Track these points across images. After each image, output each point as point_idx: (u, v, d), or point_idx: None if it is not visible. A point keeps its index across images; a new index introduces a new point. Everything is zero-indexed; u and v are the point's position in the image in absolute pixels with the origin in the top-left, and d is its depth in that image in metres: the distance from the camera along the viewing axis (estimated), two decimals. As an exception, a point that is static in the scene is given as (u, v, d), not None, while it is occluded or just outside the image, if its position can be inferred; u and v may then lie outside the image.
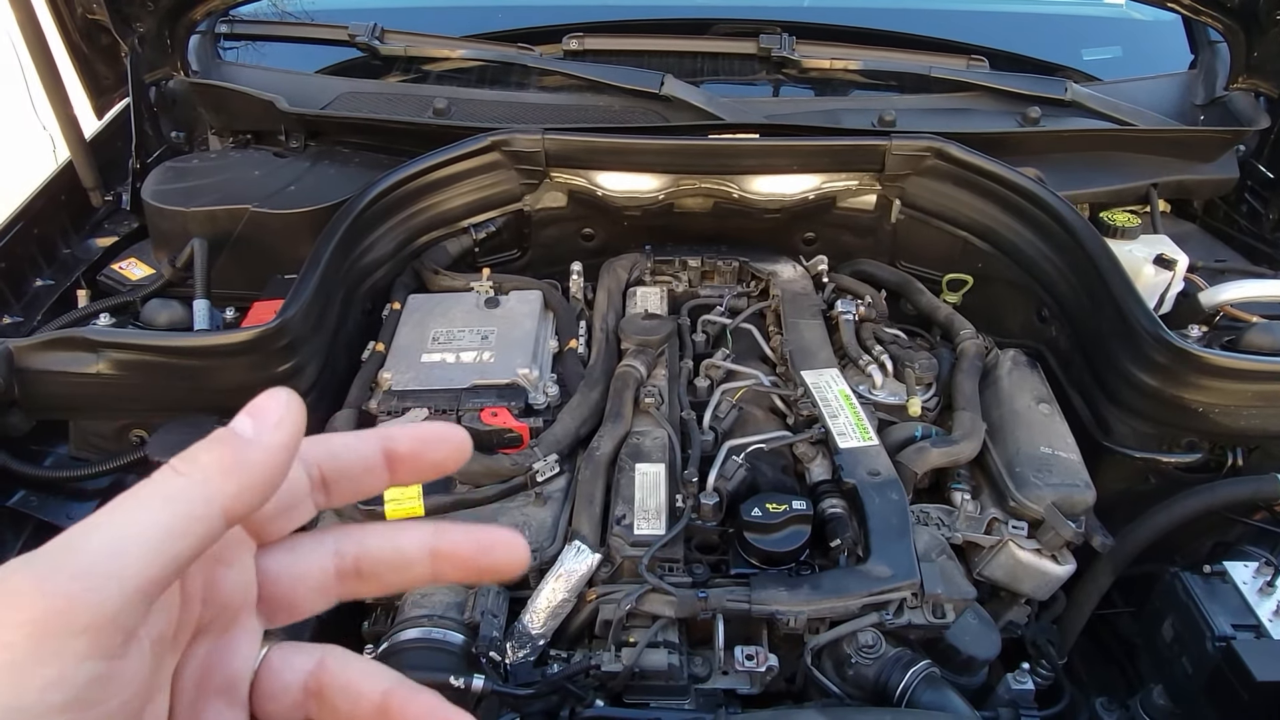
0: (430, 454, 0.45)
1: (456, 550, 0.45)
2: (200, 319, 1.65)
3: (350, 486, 0.45)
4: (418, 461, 0.45)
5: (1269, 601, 1.37)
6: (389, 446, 0.45)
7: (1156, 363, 1.50)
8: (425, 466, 0.45)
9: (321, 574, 0.45)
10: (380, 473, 0.45)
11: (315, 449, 0.44)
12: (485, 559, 0.45)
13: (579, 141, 1.84)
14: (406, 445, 0.45)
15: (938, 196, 1.90)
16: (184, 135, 2.20)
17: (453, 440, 0.45)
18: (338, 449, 0.44)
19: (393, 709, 0.42)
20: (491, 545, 0.45)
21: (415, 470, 0.45)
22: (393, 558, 0.45)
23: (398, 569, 0.45)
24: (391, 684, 0.43)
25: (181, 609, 0.40)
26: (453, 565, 0.45)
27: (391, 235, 1.86)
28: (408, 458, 0.45)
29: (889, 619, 1.27)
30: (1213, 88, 2.19)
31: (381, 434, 0.45)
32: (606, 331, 1.75)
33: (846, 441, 1.46)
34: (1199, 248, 2.01)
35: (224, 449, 0.38)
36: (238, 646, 0.43)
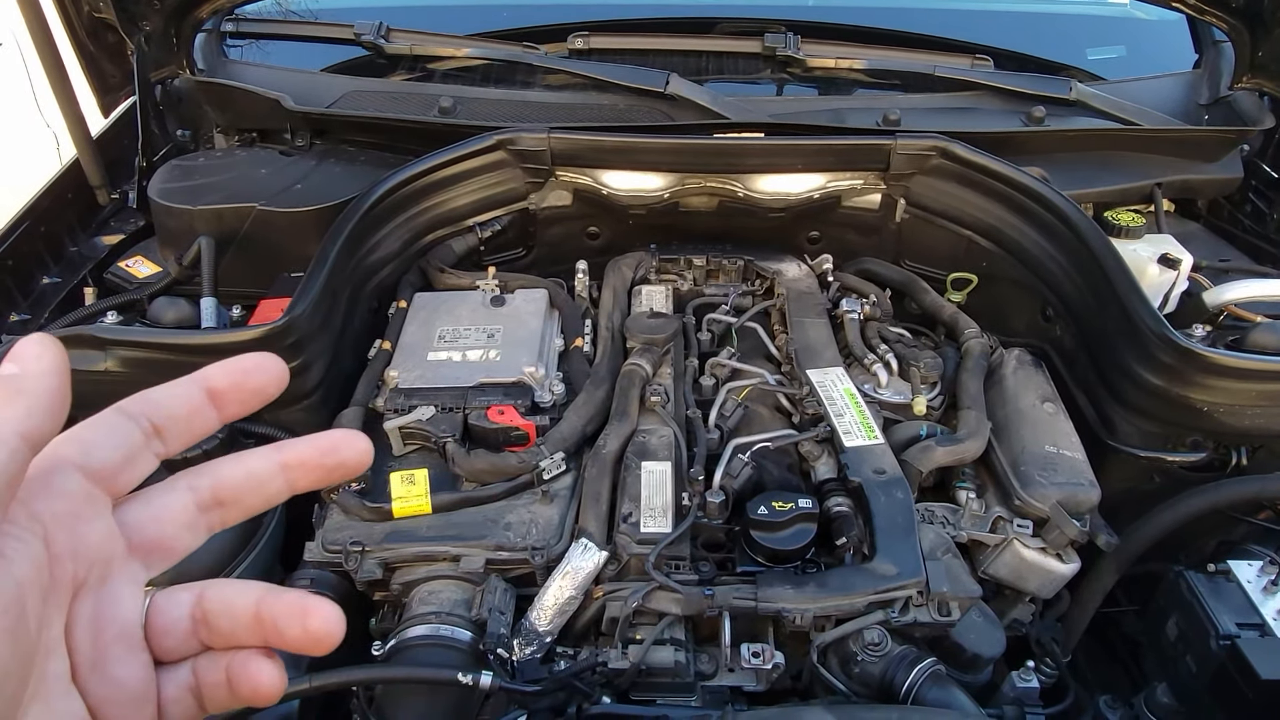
0: (250, 382, 0.47)
1: (302, 458, 0.48)
2: (207, 317, 1.65)
3: (182, 428, 0.46)
4: (240, 392, 0.47)
5: (1273, 600, 1.37)
6: (209, 384, 0.47)
7: (1161, 362, 1.50)
8: (248, 397, 0.47)
9: (183, 511, 0.47)
10: (207, 411, 0.47)
11: (135, 402, 0.46)
12: (331, 458, 0.48)
13: (584, 140, 1.85)
14: (224, 379, 0.47)
15: (942, 196, 1.90)
16: (190, 133, 2.21)
17: (268, 366, 0.48)
18: (158, 397, 0.46)
19: (263, 614, 0.45)
20: (333, 446, 0.48)
21: (240, 402, 0.47)
22: (246, 480, 0.48)
23: (254, 489, 0.48)
24: (261, 593, 0.46)
25: (51, 569, 0.41)
26: (303, 473, 0.48)
27: (397, 234, 1.86)
28: (229, 390, 0.47)
29: (895, 617, 1.27)
30: (1217, 87, 2.19)
31: (198, 374, 0.47)
32: (612, 330, 1.75)
33: (852, 440, 1.47)
34: (1203, 247, 2.01)
35: None
36: (121, 595, 0.44)
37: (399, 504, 1.40)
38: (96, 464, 0.43)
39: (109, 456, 0.44)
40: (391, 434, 1.50)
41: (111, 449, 0.44)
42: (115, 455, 0.44)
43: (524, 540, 1.36)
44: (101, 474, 0.44)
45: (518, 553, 1.35)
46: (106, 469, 0.44)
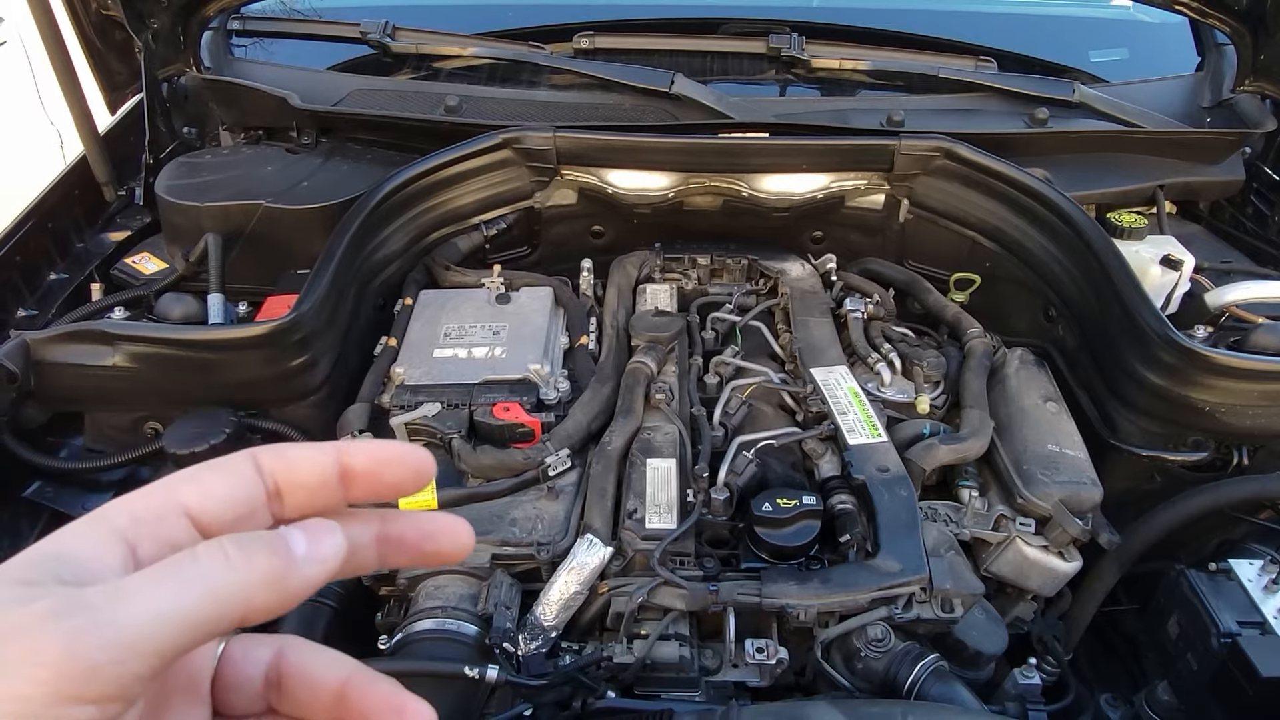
0: (388, 475, 0.45)
1: (403, 537, 0.46)
2: (214, 313, 1.66)
3: (304, 498, 0.44)
4: (373, 481, 0.45)
5: (1274, 599, 1.38)
6: (345, 462, 0.44)
7: (1163, 362, 1.51)
8: (382, 487, 0.45)
9: None
10: (335, 489, 0.44)
11: (272, 460, 0.44)
12: (430, 545, 0.47)
13: (590, 140, 1.86)
14: (363, 463, 0.44)
15: (946, 196, 1.91)
16: (196, 131, 2.22)
17: (411, 463, 0.45)
18: (294, 460, 0.44)
19: (351, 697, 0.44)
20: (436, 531, 0.47)
21: (371, 490, 0.45)
22: None
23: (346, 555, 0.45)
24: (350, 671, 0.45)
25: None
26: (399, 551, 0.46)
27: (403, 231, 1.87)
28: (363, 476, 0.44)
29: (898, 613, 1.28)
30: (1219, 90, 2.20)
31: (339, 448, 0.45)
32: (617, 328, 1.76)
33: (856, 438, 1.48)
34: (1205, 249, 2.02)
35: (275, 562, 0.39)
36: None
37: (405, 500, 1.41)
38: (208, 517, 0.42)
39: (222, 512, 0.42)
40: (397, 430, 1.51)
41: (228, 504, 0.42)
42: (229, 513, 0.42)
43: (529, 536, 1.37)
44: (209, 528, 0.42)
45: (523, 548, 1.35)
46: (216, 524, 0.42)
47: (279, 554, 0.40)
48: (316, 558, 0.41)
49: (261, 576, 0.39)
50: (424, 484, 0.46)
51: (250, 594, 0.38)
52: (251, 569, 0.38)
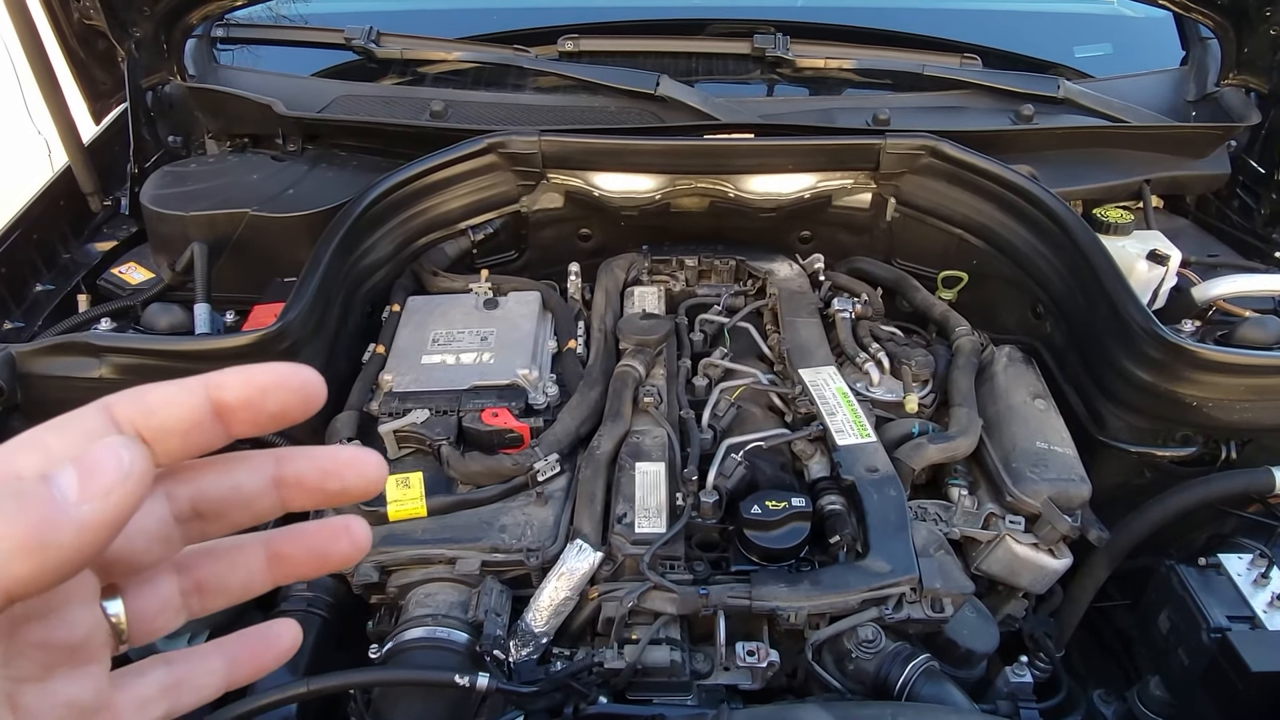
0: (270, 403, 0.40)
1: (301, 478, 0.42)
2: (201, 323, 1.66)
3: (177, 445, 0.39)
4: (254, 412, 0.39)
5: (1263, 593, 1.38)
6: (216, 396, 0.39)
7: (1151, 358, 1.51)
8: (264, 418, 0.40)
9: (157, 523, 0.40)
10: (210, 428, 0.39)
11: (129, 407, 0.38)
12: (333, 483, 0.42)
13: (576, 143, 1.85)
14: (237, 394, 0.39)
15: (932, 194, 1.91)
16: (181, 139, 2.21)
17: (294, 384, 0.40)
18: (155, 404, 0.39)
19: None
20: (337, 468, 0.43)
21: (254, 422, 0.40)
22: (231, 494, 0.42)
23: (241, 505, 0.42)
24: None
25: None
26: (301, 492, 0.43)
27: (390, 238, 1.87)
28: (241, 409, 0.39)
29: (888, 614, 1.28)
30: (1204, 84, 2.20)
31: (206, 381, 0.39)
32: (605, 331, 1.76)
33: (845, 439, 1.48)
34: (1191, 243, 2.02)
35: (27, 518, 0.32)
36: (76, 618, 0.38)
37: (394, 507, 1.41)
38: None
39: None
40: (386, 437, 1.51)
41: None
42: None
43: (519, 542, 1.37)
44: None
45: (513, 554, 1.35)
46: None
47: (33, 508, 0.32)
48: (95, 492, 0.33)
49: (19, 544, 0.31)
50: (313, 408, 0.41)
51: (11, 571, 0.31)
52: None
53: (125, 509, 0.34)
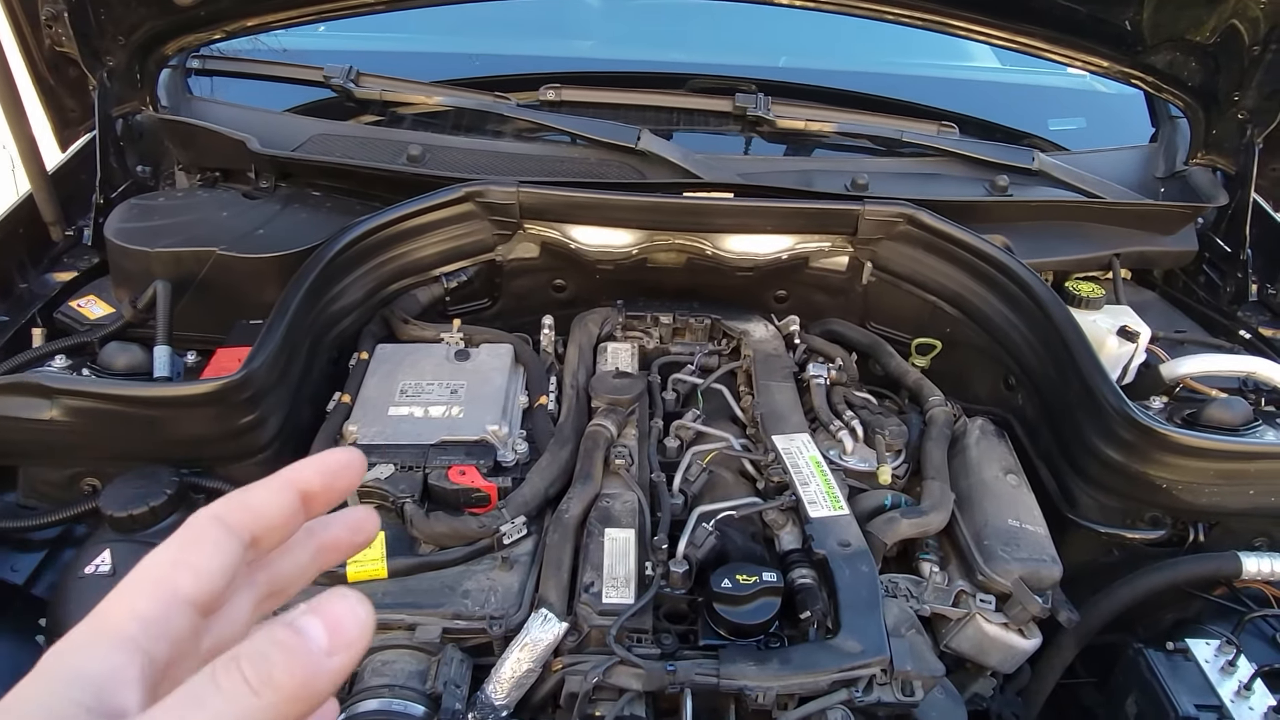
0: (340, 483, 0.48)
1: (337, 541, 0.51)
2: (160, 366, 1.60)
3: (278, 537, 0.46)
4: (330, 494, 0.48)
5: (1230, 681, 1.38)
6: (303, 488, 0.47)
7: (1122, 438, 1.52)
8: (335, 496, 0.48)
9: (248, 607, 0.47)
10: (299, 514, 0.47)
11: (239, 515, 0.45)
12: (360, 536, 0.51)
13: (554, 195, 1.84)
14: (318, 482, 0.47)
15: (909, 261, 1.92)
16: (150, 170, 2.17)
17: (351, 460, 0.49)
18: (259, 508, 0.45)
19: None
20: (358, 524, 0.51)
21: (328, 503, 0.48)
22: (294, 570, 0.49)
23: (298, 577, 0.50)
24: None
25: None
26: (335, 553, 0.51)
27: (361, 282, 1.83)
28: (321, 494, 0.47)
29: (858, 696, 1.25)
30: (1173, 161, 2.25)
31: (291, 479, 0.46)
32: (577, 388, 1.73)
33: (817, 510, 1.46)
34: (1159, 317, 2.05)
35: (300, 670, 0.37)
36: None
37: (354, 568, 1.36)
38: (206, 596, 0.42)
39: (216, 586, 0.42)
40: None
41: (220, 576, 0.43)
42: (221, 583, 0.43)
43: (482, 609, 1.32)
44: (210, 605, 0.43)
45: (475, 622, 1.31)
46: (213, 599, 0.43)
47: (300, 660, 0.37)
48: (342, 645, 0.38)
49: (289, 693, 0.36)
50: (363, 473, 0.49)
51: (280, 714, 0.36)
52: (277, 690, 0.36)
53: (361, 656, 0.39)
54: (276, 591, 0.49)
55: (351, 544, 0.51)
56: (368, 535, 0.52)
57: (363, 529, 0.52)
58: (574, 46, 2.74)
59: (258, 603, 0.47)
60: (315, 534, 0.50)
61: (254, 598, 0.47)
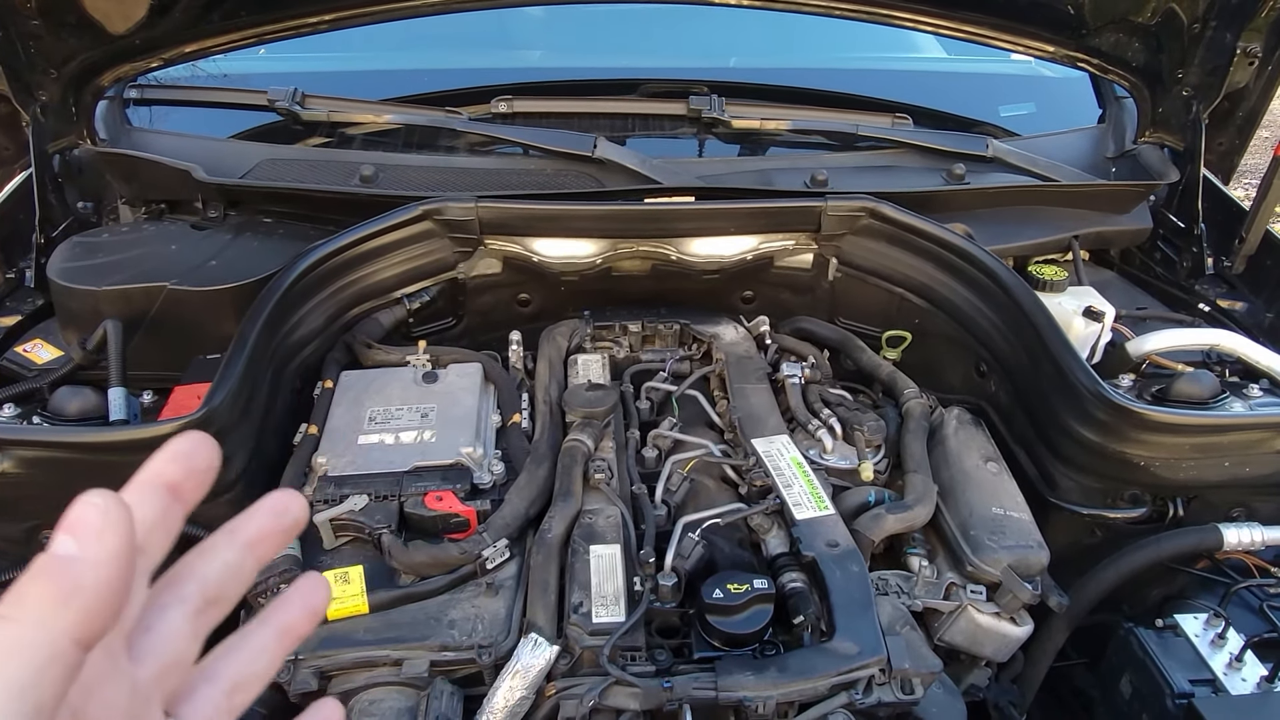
0: (198, 462, 0.46)
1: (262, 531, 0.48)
2: (116, 409, 1.54)
3: (160, 537, 0.44)
4: (194, 476, 0.45)
5: (1221, 654, 1.39)
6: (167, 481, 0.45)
7: (1097, 419, 1.52)
8: (201, 477, 0.46)
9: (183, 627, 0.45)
10: (174, 509, 0.45)
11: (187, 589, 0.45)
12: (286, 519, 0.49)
13: (514, 209, 1.81)
14: (174, 470, 0.45)
15: (873, 254, 1.92)
16: (92, 206, 2.09)
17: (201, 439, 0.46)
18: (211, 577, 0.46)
19: None
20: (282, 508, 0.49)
21: (197, 486, 0.46)
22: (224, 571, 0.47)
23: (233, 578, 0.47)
24: None
25: None
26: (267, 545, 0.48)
27: (321, 309, 1.78)
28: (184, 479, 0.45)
29: (858, 699, 1.24)
30: (1122, 141, 2.28)
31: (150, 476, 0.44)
32: (550, 403, 1.70)
33: (803, 512, 1.44)
34: (1119, 295, 2.07)
35: (50, 579, 0.36)
36: None
37: (333, 605, 1.32)
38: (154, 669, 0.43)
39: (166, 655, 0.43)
40: (322, 527, 1.42)
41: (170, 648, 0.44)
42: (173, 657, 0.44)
43: (469, 638, 1.29)
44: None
45: (464, 652, 1.27)
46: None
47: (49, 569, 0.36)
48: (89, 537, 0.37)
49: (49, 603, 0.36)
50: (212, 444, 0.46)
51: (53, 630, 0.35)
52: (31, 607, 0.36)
53: (122, 540, 0.37)
54: (214, 598, 0.46)
55: (280, 529, 0.49)
56: (295, 517, 0.49)
57: (287, 511, 0.49)
58: (523, 57, 2.71)
59: (194, 614, 0.45)
60: (238, 531, 0.48)
61: (186, 611, 0.45)
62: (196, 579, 0.46)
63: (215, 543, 0.47)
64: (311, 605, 0.51)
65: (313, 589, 0.51)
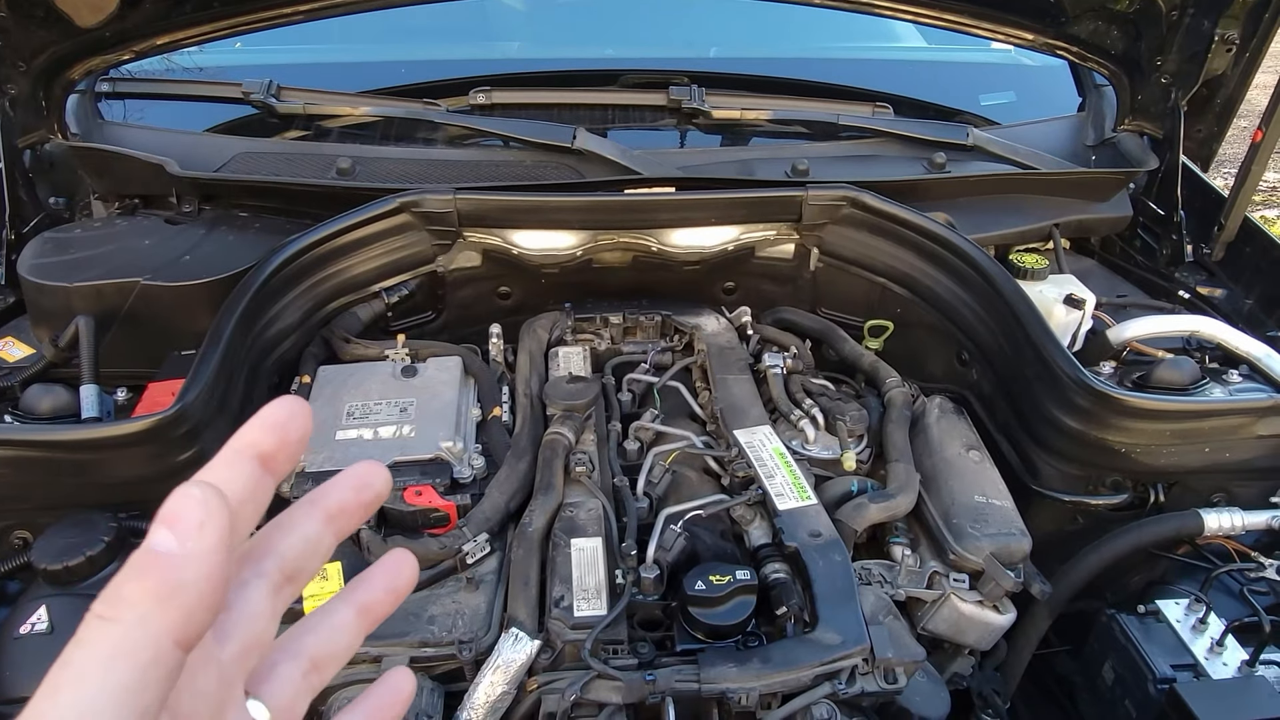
0: (292, 434, 0.43)
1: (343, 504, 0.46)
2: (88, 407, 1.52)
3: (250, 511, 0.42)
4: (287, 448, 0.43)
5: (1202, 639, 1.39)
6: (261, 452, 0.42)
7: (1079, 406, 1.52)
8: (294, 449, 0.44)
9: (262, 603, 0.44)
10: (265, 482, 0.42)
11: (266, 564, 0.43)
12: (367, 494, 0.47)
13: (493, 201, 1.79)
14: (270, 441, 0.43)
15: (854, 244, 1.92)
16: (65, 201, 2.05)
17: (299, 407, 0.44)
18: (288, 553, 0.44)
19: None
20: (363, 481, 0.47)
21: (289, 457, 0.43)
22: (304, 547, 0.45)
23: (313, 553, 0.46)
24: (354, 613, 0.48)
25: None
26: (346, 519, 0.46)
27: (298, 304, 1.76)
28: (277, 451, 0.43)
29: (842, 688, 1.23)
30: (1101, 129, 2.28)
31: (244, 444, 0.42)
32: (531, 396, 1.69)
33: (785, 502, 1.44)
34: (1100, 283, 2.07)
35: (150, 576, 0.35)
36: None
37: (311, 603, 1.30)
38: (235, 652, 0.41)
39: None
40: (300, 524, 1.40)
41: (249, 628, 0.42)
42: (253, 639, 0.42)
43: (450, 634, 1.27)
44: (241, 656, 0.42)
45: (444, 648, 1.26)
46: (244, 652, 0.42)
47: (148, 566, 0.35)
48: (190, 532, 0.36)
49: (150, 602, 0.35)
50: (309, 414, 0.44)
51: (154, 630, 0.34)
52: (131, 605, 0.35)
53: (222, 533, 0.36)
54: (293, 574, 0.45)
55: (361, 503, 0.46)
56: (377, 491, 0.47)
57: (369, 485, 0.47)
58: (501, 48, 2.68)
59: (273, 591, 0.44)
60: (318, 502, 0.46)
61: (266, 587, 0.43)
62: (275, 554, 0.45)
63: (294, 516, 0.46)
64: (395, 585, 0.49)
65: (398, 567, 0.49)
